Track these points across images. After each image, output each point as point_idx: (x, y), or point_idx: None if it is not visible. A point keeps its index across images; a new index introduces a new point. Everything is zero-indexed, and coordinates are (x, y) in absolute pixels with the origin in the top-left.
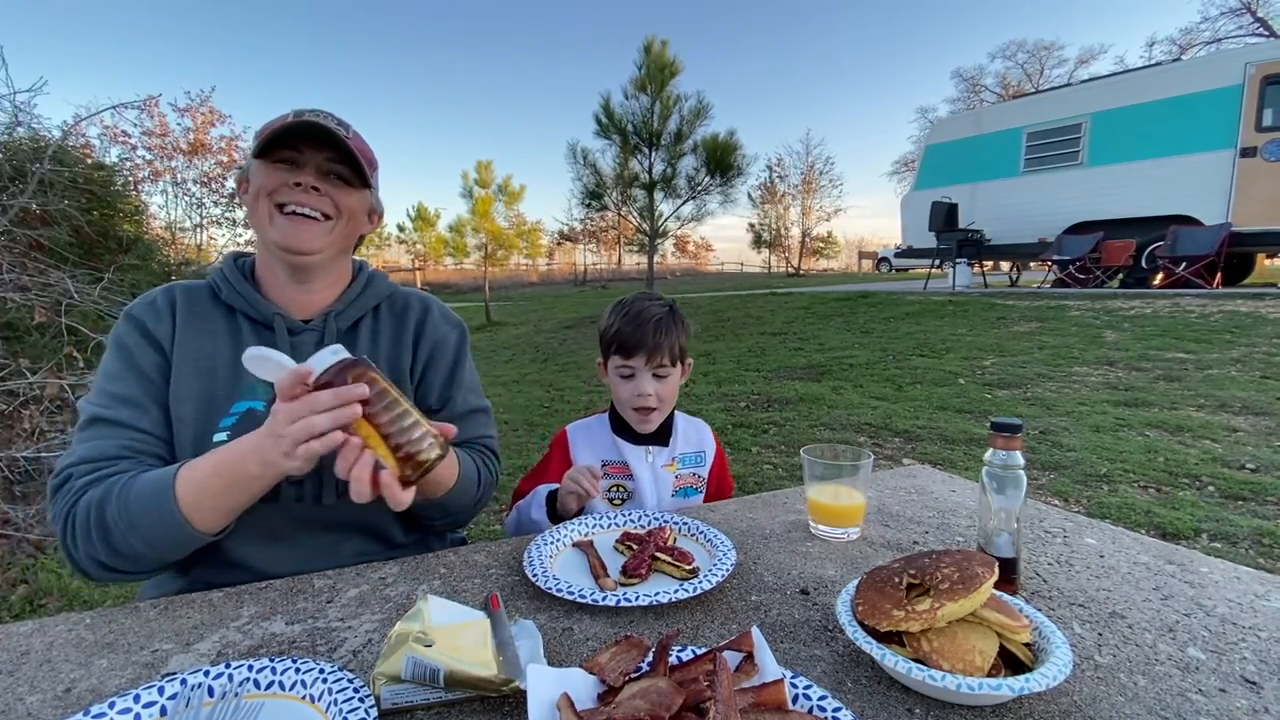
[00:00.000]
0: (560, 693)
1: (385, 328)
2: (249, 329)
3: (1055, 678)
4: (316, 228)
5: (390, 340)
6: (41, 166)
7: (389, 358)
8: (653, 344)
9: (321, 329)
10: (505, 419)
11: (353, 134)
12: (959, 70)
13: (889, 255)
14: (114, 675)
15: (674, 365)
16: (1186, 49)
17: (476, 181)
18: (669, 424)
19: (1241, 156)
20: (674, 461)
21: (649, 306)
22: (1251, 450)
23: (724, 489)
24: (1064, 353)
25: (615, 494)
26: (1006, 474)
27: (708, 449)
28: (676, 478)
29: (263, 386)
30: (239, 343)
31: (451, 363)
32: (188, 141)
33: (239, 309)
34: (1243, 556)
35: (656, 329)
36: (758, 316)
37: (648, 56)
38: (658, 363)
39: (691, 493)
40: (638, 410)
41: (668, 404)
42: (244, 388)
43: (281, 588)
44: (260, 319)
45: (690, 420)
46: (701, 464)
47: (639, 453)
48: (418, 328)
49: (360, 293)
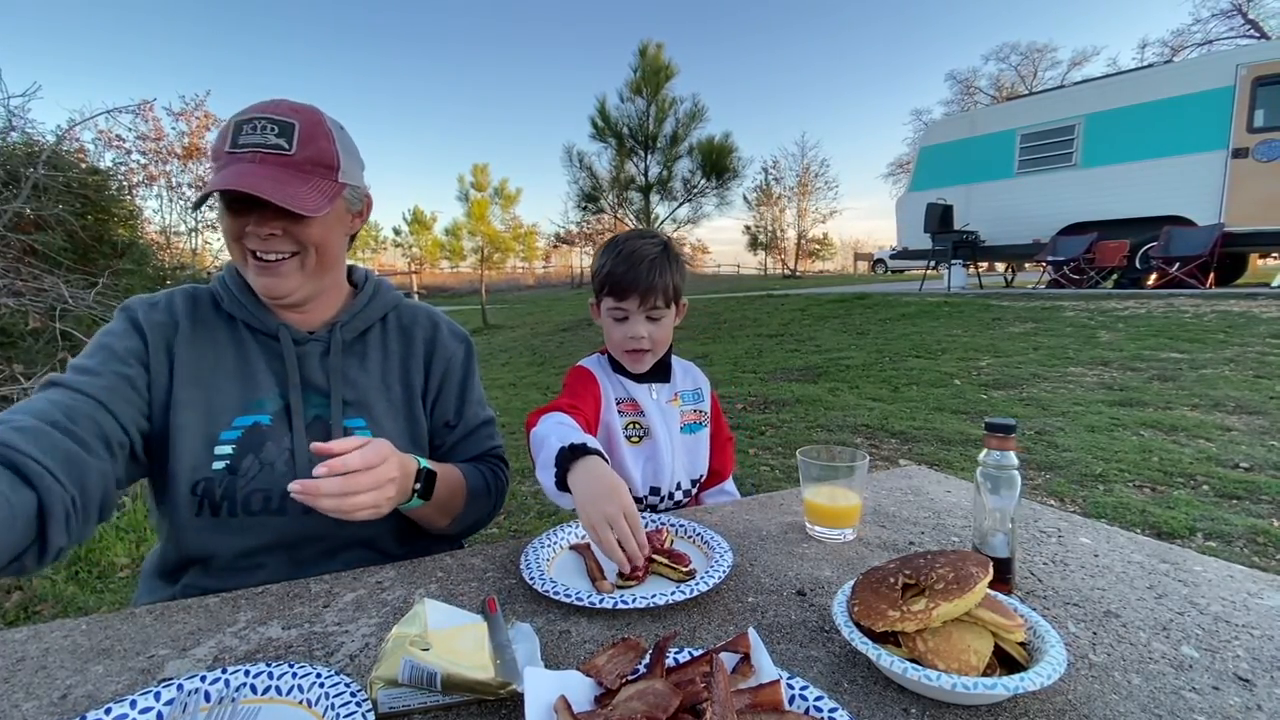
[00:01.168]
0: (558, 695)
1: (394, 339)
2: (252, 339)
3: (1050, 677)
4: (287, 267)
5: (400, 354)
6: (35, 171)
7: (400, 370)
8: (646, 285)
9: (327, 340)
10: (502, 422)
11: (301, 135)
12: (953, 72)
13: (885, 257)
14: (110, 681)
15: (668, 306)
16: (1178, 51)
17: (473, 185)
18: (667, 362)
19: (1233, 157)
20: (677, 397)
21: (642, 245)
22: (1245, 449)
23: (721, 434)
24: (1059, 353)
25: (633, 431)
26: (1001, 474)
27: (703, 386)
28: (682, 413)
29: (270, 400)
30: (243, 352)
31: (462, 378)
32: (182, 146)
33: (241, 319)
34: (1237, 555)
35: (650, 269)
36: (754, 318)
37: (643, 59)
38: (651, 305)
39: (698, 428)
40: (629, 352)
41: (661, 345)
42: (250, 402)
43: (278, 592)
44: (265, 330)
45: (684, 363)
46: (701, 400)
47: (643, 390)
48: (428, 345)
49: (367, 303)
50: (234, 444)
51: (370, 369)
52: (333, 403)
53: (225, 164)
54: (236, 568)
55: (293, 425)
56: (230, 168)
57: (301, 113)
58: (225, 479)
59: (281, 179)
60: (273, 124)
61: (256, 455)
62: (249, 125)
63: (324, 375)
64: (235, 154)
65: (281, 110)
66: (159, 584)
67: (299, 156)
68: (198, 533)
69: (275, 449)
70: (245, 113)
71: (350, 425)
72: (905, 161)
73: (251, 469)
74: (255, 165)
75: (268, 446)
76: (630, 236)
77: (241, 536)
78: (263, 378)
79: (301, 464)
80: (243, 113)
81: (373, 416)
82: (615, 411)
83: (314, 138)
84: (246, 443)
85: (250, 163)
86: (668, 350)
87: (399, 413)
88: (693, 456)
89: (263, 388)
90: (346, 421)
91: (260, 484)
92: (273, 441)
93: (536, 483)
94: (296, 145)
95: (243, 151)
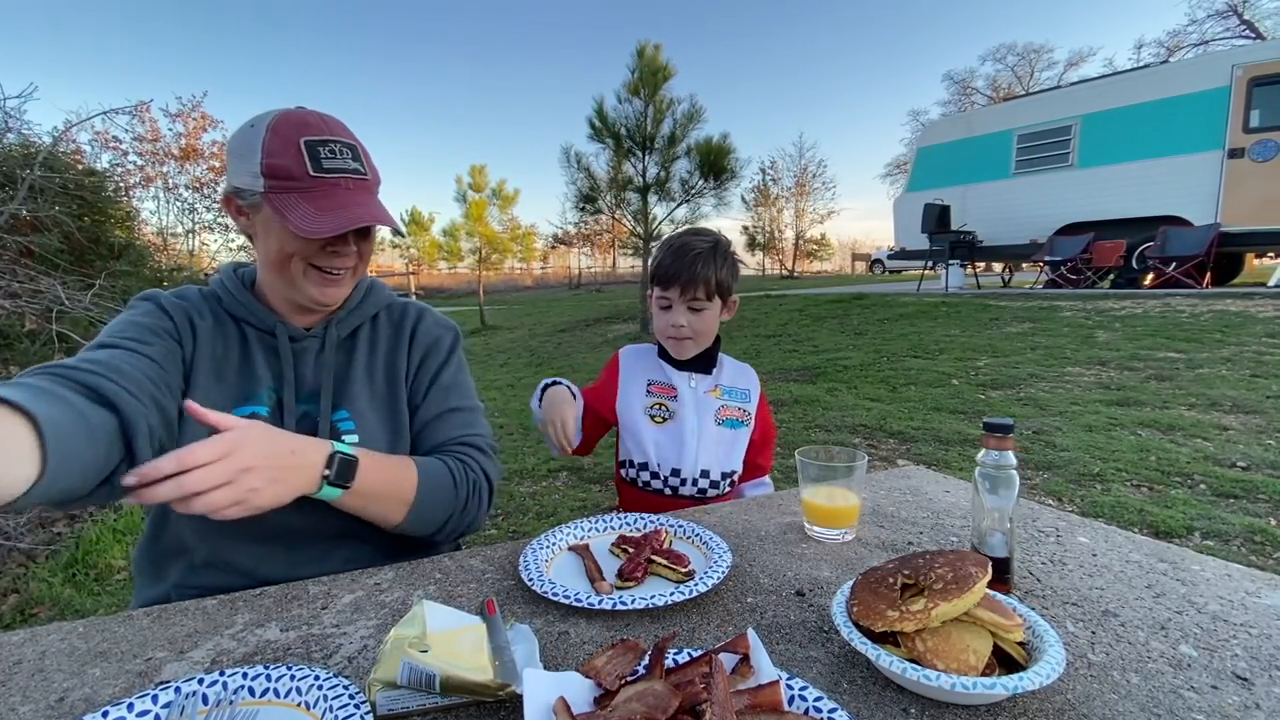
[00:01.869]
0: (557, 697)
1: (383, 335)
2: (253, 336)
3: (1049, 676)
4: (347, 278)
5: (388, 348)
6: (32, 173)
7: (386, 364)
8: (688, 276)
9: (323, 336)
10: (500, 423)
11: (365, 157)
12: (950, 73)
13: (882, 257)
14: (107, 684)
15: (710, 300)
16: (1174, 51)
17: (470, 186)
18: (712, 355)
19: (1229, 157)
20: (716, 389)
21: (692, 240)
22: (1242, 448)
23: (768, 434)
24: (1056, 353)
25: (657, 411)
26: (999, 474)
27: (752, 388)
28: (722, 407)
29: (267, 393)
30: (245, 348)
31: (440, 363)
32: (179, 147)
33: (241, 318)
34: (1234, 554)
35: (694, 262)
36: (752, 319)
37: (641, 60)
38: (692, 295)
39: (737, 425)
40: (671, 339)
41: (703, 336)
42: (250, 393)
43: (276, 594)
44: (263, 327)
45: (738, 364)
46: (748, 400)
47: (682, 377)
48: (412, 331)
49: (360, 302)
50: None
51: (357, 364)
52: (322, 400)
53: (314, 189)
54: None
55: (284, 421)
56: (331, 195)
57: (351, 134)
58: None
59: (372, 203)
60: (346, 148)
61: None
62: (325, 149)
63: (315, 374)
64: (325, 179)
65: (339, 131)
66: (150, 574)
67: (370, 179)
68: (193, 519)
69: None
70: (309, 131)
71: (335, 419)
72: (903, 162)
73: None
74: (353, 193)
75: None
76: (685, 233)
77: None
78: (261, 373)
79: None
80: (306, 129)
81: (355, 409)
82: (644, 392)
83: (369, 159)
84: None
85: (347, 190)
86: (715, 345)
87: (381, 404)
88: (728, 450)
89: (260, 382)
90: (332, 415)
91: None
92: None
93: (535, 484)
94: (367, 168)
95: (333, 177)
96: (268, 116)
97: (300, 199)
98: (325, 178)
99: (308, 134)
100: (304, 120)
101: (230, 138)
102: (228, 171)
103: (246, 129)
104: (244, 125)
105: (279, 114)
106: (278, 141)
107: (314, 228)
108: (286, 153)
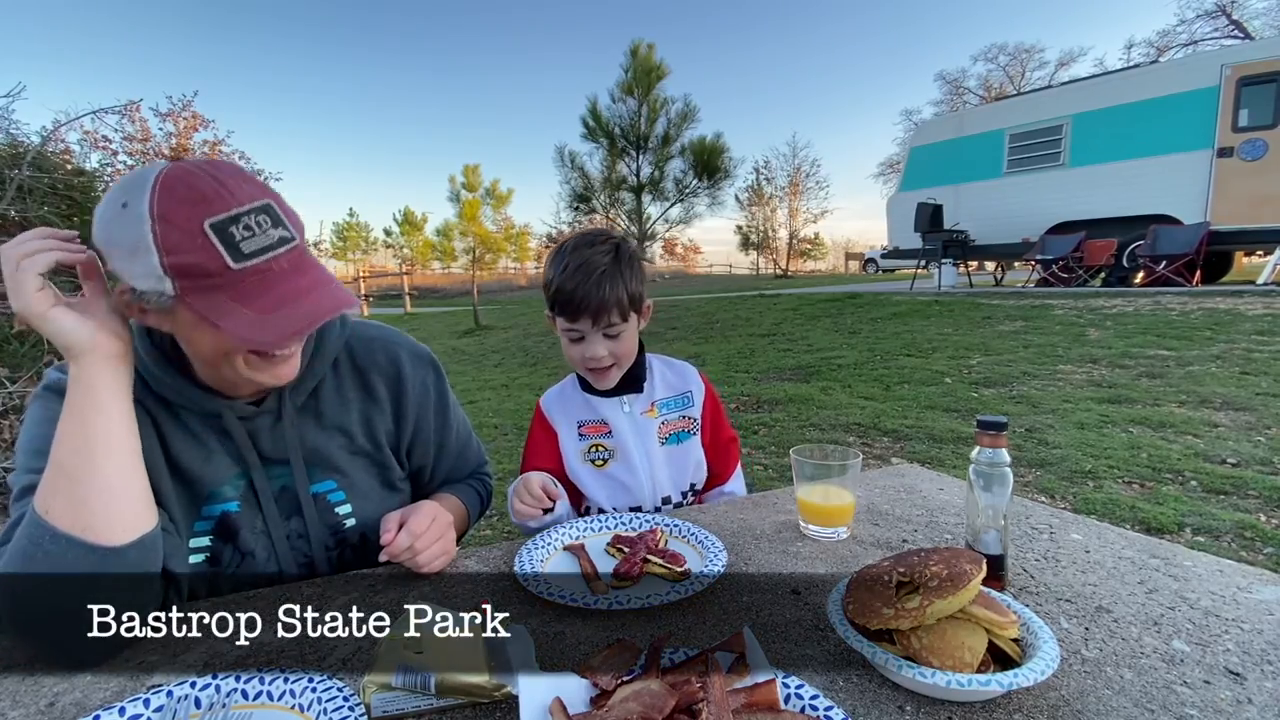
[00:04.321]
0: (553, 697)
1: (350, 386)
2: (197, 420)
3: (1043, 672)
4: (297, 355)
5: (360, 402)
6: (19, 173)
7: (362, 420)
8: (597, 302)
9: (276, 409)
10: (495, 424)
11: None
12: (942, 73)
13: (875, 256)
14: (98, 689)
15: (626, 320)
16: (1164, 51)
17: (464, 185)
18: (639, 369)
19: (1219, 156)
20: (653, 407)
21: (591, 256)
22: (1232, 445)
23: (721, 436)
24: (1048, 351)
25: (596, 454)
26: (993, 471)
27: (694, 389)
28: (662, 423)
29: (231, 488)
30: (196, 439)
31: (438, 408)
32: (170, 147)
33: (179, 404)
34: (1225, 550)
35: (601, 284)
36: (746, 318)
37: (634, 60)
38: (606, 323)
39: (685, 437)
40: (591, 371)
41: (625, 358)
42: (211, 491)
43: (269, 596)
44: (206, 413)
45: (670, 363)
46: (689, 405)
47: (614, 405)
48: (394, 389)
49: (311, 357)
50: (209, 534)
51: (328, 425)
52: (295, 472)
53: (240, 282)
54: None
55: (262, 506)
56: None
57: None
58: (207, 570)
59: (316, 280)
60: (260, 214)
61: (235, 544)
62: (238, 227)
63: (280, 446)
64: (250, 268)
65: (242, 191)
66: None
67: (299, 242)
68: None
69: (251, 535)
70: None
71: (319, 491)
72: (895, 161)
73: (233, 561)
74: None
75: (243, 535)
76: (579, 244)
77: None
78: (218, 460)
79: (279, 540)
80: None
81: (341, 473)
82: (575, 436)
83: (285, 207)
84: (220, 533)
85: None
86: (640, 356)
87: (368, 462)
88: (679, 468)
89: (220, 471)
90: (315, 487)
91: (245, 571)
92: (246, 529)
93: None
94: (291, 227)
95: (259, 261)
96: (143, 194)
97: (227, 299)
98: (251, 265)
99: (209, 213)
100: (195, 191)
101: (98, 220)
102: (113, 265)
103: (119, 213)
104: (112, 206)
105: (158, 189)
106: (174, 233)
107: (264, 338)
108: (192, 245)
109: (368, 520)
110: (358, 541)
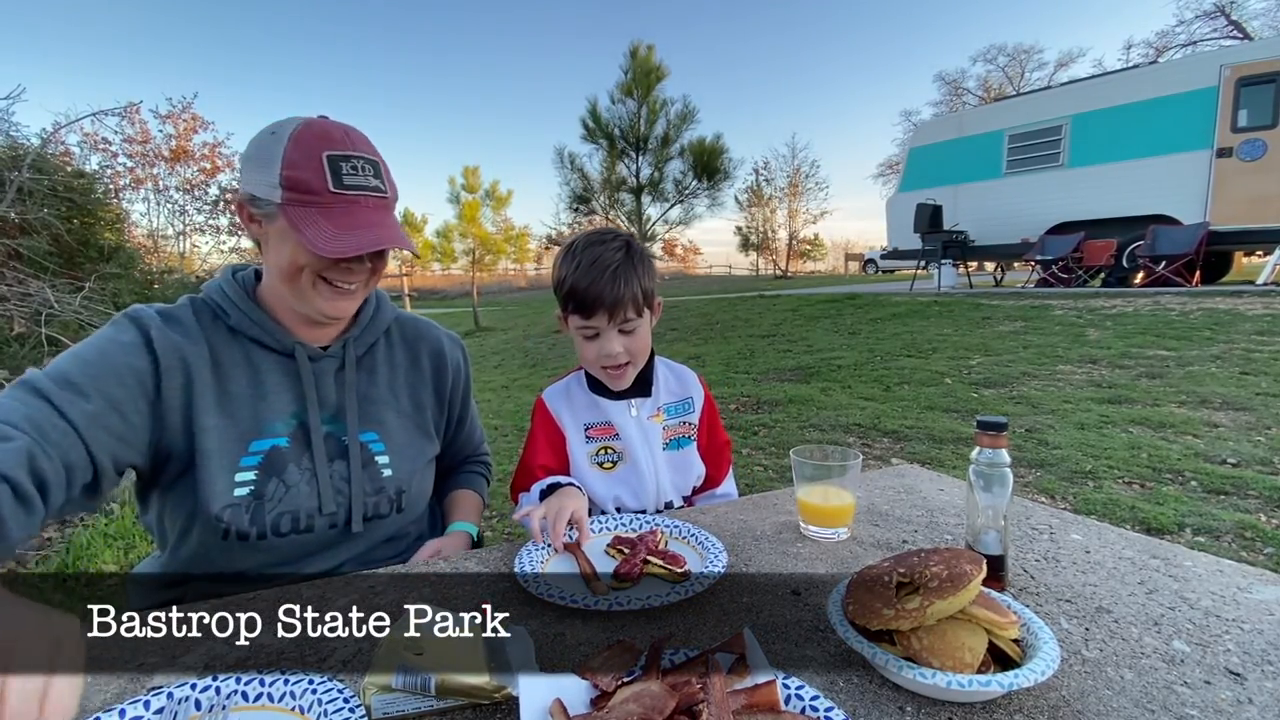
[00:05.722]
0: (553, 698)
1: (399, 353)
2: (264, 357)
3: (1043, 673)
4: (359, 290)
5: (406, 368)
6: (20, 175)
7: (407, 385)
8: (613, 298)
9: (341, 355)
10: (495, 424)
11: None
12: (941, 73)
13: (875, 257)
14: (98, 690)
15: (640, 315)
16: (1163, 52)
17: (464, 187)
18: (649, 372)
19: (1218, 157)
20: (659, 412)
21: (603, 253)
22: (1232, 445)
23: (716, 441)
24: (1048, 351)
25: (605, 457)
26: (993, 472)
27: (694, 395)
28: (665, 428)
29: (283, 424)
30: (255, 372)
31: (466, 382)
32: (169, 148)
33: (253, 337)
34: (1225, 550)
35: (615, 279)
36: (746, 319)
37: (634, 61)
38: (622, 318)
39: (685, 443)
40: (607, 369)
41: (640, 355)
42: (265, 425)
43: (269, 597)
44: (280, 349)
45: (672, 366)
46: (690, 411)
47: (621, 407)
48: (436, 360)
49: (372, 318)
50: (255, 469)
51: (379, 383)
52: (349, 420)
53: (333, 205)
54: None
55: (311, 444)
56: (350, 212)
57: (374, 149)
58: (252, 504)
59: (391, 224)
60: (368, 164)
61: (280, 478)
62: (347, 164)
63: (337, 392)
64: (345, 195)
65: (363, 146)
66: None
67: (390, 196)
68: (223, 553)
69: (296, 471)
70: (332, 145)
71: (364, 440)
72: (895, 162)
73: (277, 493)
74: (372, 212)
75: (290, 469)
76: (590, 242)
77: (268, 554)
78: (274, 398)
79: (323, 482)
80: (329, 143)
81: (385, 430)
82: (582, 439)
83: (389, 175)
84: (268, 467)
85: (366, 208)
86: (650, 357)
87: (409, 424)
88: (681, 473)
89: (275, 409)
90: (361, 435)
91: (287, 506)
92: (293, 463)
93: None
94: (388, 185)
95: (353, 194)
96: (290, 125)
97: (318, 214)
98: (345, 194)
99: (330, 148)
100: (327, 133)
101: (249, 143)
102: (242, 177)
103: (267, 136)
104: (263, 131)
105: (301, 123)
106: (299, 153)
107: (332, 247)
108: (308, 165)
109: (402, 475)
110: (394, 494)
